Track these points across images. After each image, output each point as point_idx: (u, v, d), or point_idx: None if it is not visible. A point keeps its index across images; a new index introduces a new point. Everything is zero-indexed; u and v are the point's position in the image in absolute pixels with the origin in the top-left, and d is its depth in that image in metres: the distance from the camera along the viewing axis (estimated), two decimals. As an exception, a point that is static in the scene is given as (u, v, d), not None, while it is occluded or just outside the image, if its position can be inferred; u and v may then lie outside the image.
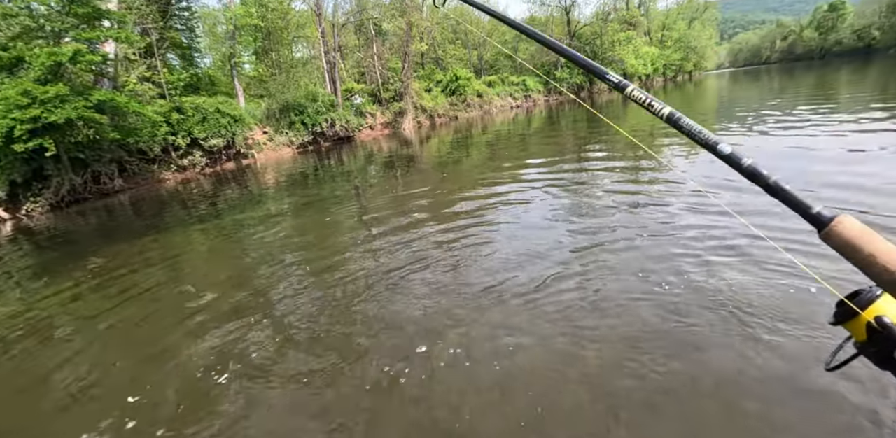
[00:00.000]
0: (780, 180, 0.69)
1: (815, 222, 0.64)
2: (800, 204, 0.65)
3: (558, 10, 45.38)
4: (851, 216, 0.60)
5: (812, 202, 0.64)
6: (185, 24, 23.43)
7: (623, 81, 0.92)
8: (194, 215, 8.89)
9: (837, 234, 0.60)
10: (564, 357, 2.54)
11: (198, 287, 4.53)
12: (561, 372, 2.41)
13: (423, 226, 5.51)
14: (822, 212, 0.64)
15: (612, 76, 0.95)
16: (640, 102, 0.88)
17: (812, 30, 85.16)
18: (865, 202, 4.07)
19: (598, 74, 0.97)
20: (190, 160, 15.67)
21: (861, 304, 0.59)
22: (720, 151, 0.75)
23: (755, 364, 2.25)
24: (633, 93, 0.90)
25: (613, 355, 2.49)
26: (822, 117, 9.56)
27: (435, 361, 2.65)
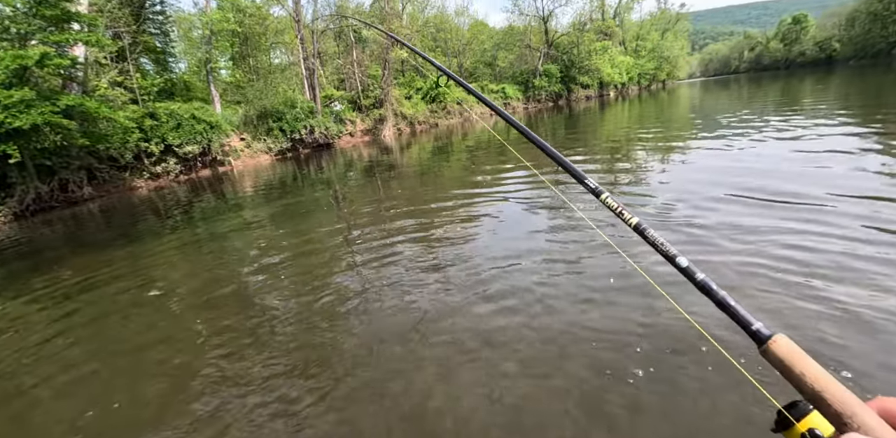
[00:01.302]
0: (728, 296, 0.76)
1: (755, 338, 0.70)
2: (743, 320, 0.72)
3: (536, 19, 46.16)
4: (786, 336, 0.66)
5: (753, 319, 0.71)
6: (159, 27, 22.95)
7: (598, 188, 1.02)
8: (168, 224, 8.61)
9: (773, 352, 0.66)
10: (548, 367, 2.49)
11: (170, 299, 4.35)
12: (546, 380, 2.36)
13: (402, 235, 5.44)
14: (761, 329, 0.70)
15: (590, 181, 1.04)
16: (612, 209, 0.98)
17: (777, 41, 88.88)
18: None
19: (578, 178, 1.06)
20: (164, 167, 15.26)
21: (797, 416, 0.64)
22: (678, 263, 0.84)
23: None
24: (606, 199, 1.00)
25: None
26: (786, 124, 9.86)
27: (418, 374, 2.58)
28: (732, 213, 4.47)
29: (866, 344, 2.32)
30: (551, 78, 43.44)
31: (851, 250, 3.33)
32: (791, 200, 4.59)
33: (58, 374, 3.19)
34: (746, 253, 3.53)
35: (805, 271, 3.13)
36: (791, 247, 3.50)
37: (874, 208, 4.06)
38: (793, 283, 3.00)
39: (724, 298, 0.76)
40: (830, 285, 2.92)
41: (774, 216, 4.23)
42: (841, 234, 3.60)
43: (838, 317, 2.57)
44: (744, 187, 5.30)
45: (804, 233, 3.72)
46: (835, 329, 2.47)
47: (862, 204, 4.21)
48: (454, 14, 45.08)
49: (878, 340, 2.34)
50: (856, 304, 2.67)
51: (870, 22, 56.70)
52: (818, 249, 3.41)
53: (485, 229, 5.30)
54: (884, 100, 13.15)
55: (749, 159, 7.03)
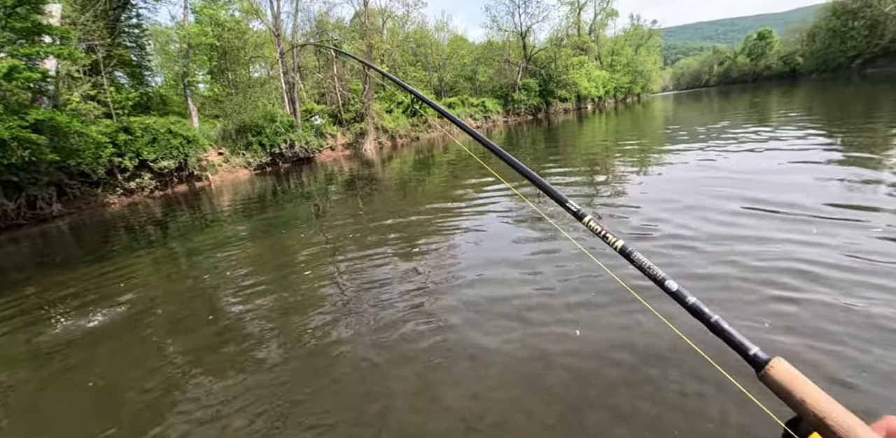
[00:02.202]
0: (721, 320, 0.74)
1: (753, 363, 0.69)
2: (739, 345, 0.71)
3: (514, 35, 47.11)
4: (784, 360, 0.65)
5: (750, 344, 0.69)
6: (135, 41, 22.63)
7: (581, 211, 1.02)
8: (142, 241, 8.33)
9: (772, 377, 0.65)
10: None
11: (141, 319, 4.16)
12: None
13: (384, 249, 5.35)
14: (758, 354, 0.69)
15: (571, 204, 1.04)
16: (596, 233, 0.97)
17: (744, 56, 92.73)
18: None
19: (560, 201, 1.06)
20: (138, 183, 14.87)
21: (802, 434, 0.63)
22: (668, 287, 0.82)
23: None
24: (589, 222, 1.00)
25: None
26: (756, 135, 10.15)
27: (399, 389, 2.48)
28: (712, 222, 4.52)
29: (867, 357, 2.32)
30: (530, 91, 44.21)
31: (832, 259, 3.37)
32: (767, 209, 4.67)
33: (18, 402, 2.99)
34: (727, 263, 3.55)
35: (790, 283, 3.15)
36: (774, 258, 3.54)
37: (848, 215, 4.15)
38: (779, 296, 3.01)
39: (718, 322, 0.74)
40: (818, 294, 2.93)
41: (754, 226, 4.29)
42: (816, 242, 3.66)
43: (835, 331, 2.57)
44: (722, 196, 5.39)
45: (784, 242, 3.77)
46: (833, 343, 2.47)
47: (837, 212, 4.30)
48: (434, 29, 45.75)
49: (880, 353, 2.34)
50: (853, 315, 2.68)
51: (829, 37, 59.46)
52: (799, 258, 3.44)
53: (466, 242, 5.26)
54: (845, 111, 13.70)
55: (725, 169, 7.16)
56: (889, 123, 9.66)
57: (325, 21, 32.13)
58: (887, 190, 4.84)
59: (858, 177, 5.50)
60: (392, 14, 38.77)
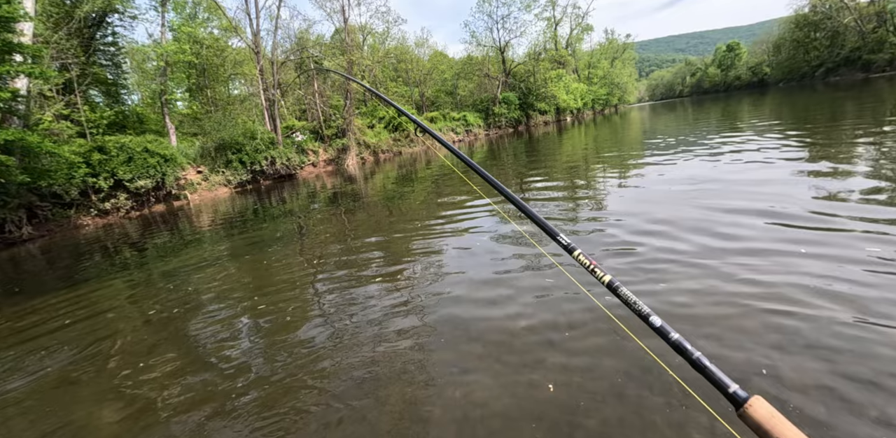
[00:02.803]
0: (703, 357, 0.76)
1: (732, 401, 0.69)
2: (719, 382, 0.72)
3: (493, 50, 47.92)
4: (762, 399, 0.65)
5: (730, 381, 0.70)
6: (110, 59, 22.34)
7: (571, 245, 1.05)
8: (117, 264, 8.05)
9: (750, 416, 0.66)
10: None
11: (113, 347, 3.95)
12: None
13: (369, 268, 5.24)
14: (737, 392, 0.70)
15: (563, 238, 1.08)
16: (585, 267, 0.99)
17: (715, 67, 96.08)
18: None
19: (551, 234, 1.11)
20: (113, 203, 14.48)
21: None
22: (651, 323, 0.84)
23: None
24: (579, 256, 1.03)
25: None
26: (730, 141, 10.38)
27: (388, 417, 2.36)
28: (694, 231, 4.53)
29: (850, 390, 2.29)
30: (510, 105, 44.82)
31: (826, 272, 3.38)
32: (751, 220, 4.71)
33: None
34: (707, 276, 3.54)
35: (764, 293, 3.14)
36: (767, 272, 3.54)
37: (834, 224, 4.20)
38: (758, 310, 2.99)
39: (699, 359, 0.76)
40: (798, 311, 2.92)
41: (739, 237, 4.31)
42: (809, 252, 3.68)
43: (817, 353, 2.55)
44: (706, 207, 5.43)
45: (774, 253, 3.79)
46: (811, 372, 2.44)
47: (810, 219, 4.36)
48: (414, 45, 46.31)
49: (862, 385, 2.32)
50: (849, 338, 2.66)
51: (794, 48, 62.03)
52: (773, 270, 3.45)
53: (450, 260, 5.18)
54: (811, 118, 14.16)
55: (703, 177, 7.26)
56: (854, 127, 10.09)
57: (306, 38, 32.24)
58: (857, 196, 4.94)
59: (831, 185, 5.61)
60: (372, 31, 39.18)
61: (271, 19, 27.00)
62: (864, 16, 51.60)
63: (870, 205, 4.62)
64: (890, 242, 3.65)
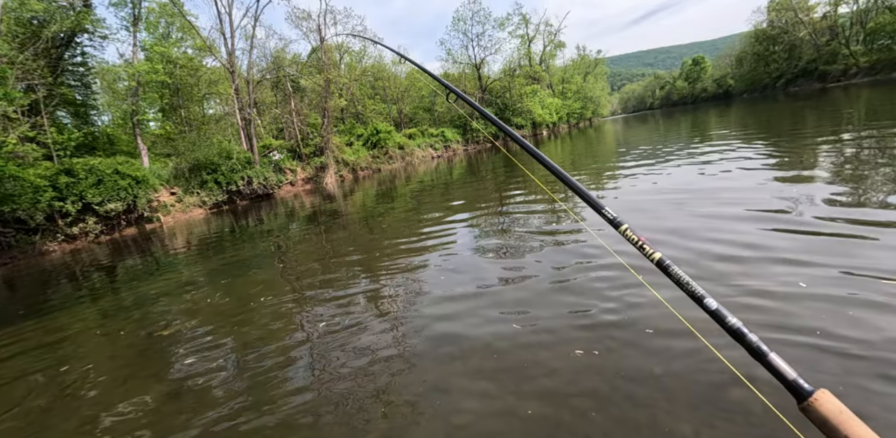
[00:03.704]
0: (762, 345, 0.70)
1: (795, 394, 0.64)
2: (780, 372, 0.66)
3: (469, 67, 48.72)
4: (829, 393, 0.61)
5: (794, 372, 0.65)
6: (79, 79, 21.82)
7: (618, 219, 1.00)
8: (85, 290, 7.69)
9: (815, 411, 0.61)
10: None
11: (84, 384, 3.70)
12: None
13: (350, 288, 5.10)
14: (802, 384, 0.64)
15: (608, 212, 1.02)
16: (633, 242, 0.93)
17: (682, 80, 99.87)
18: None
19: (596, 207, 1.07)
20: (81, 228, 13.95)
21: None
22: (706, 306, 0.77)
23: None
24: (626, 231, 0.97)
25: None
26: (701, 151, 10.63)
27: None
28: (673, 235, 4.54)
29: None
30: (487, 122, 45.32)
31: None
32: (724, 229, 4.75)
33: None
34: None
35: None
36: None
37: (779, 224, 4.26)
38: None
39: (759, 347, 0.70)
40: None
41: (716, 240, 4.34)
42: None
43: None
44: (695, 213, 5.48)
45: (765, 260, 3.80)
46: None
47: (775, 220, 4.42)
48: (391, 63, 46.68)
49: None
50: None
51: (755, 61, 65.09)
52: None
53: (433, 277, 5.07)
54: (774, 127, 14.72)
55: (678, 185, 7.37)
56: (814, 134, 10.63)
57: (282, 57, 32.23)
58: (822, 200, 5.05)
59: (792, 190, 5.74)
60: (349, 49, 39.46)
61: (246, 39, 26.98)
62: (818, 30, 54.50)
63: (835, 207, 4.72)
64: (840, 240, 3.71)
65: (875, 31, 47.18)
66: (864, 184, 5.64)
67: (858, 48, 50.32)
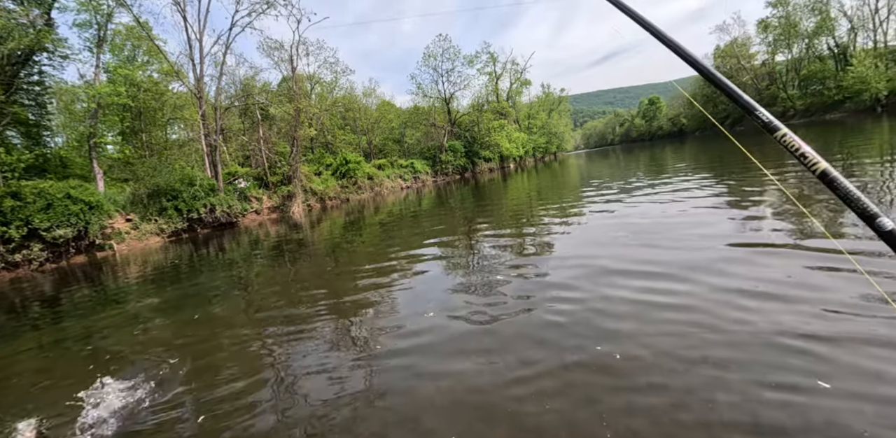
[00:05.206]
0: None
1: None
2: None
3: (439, 100, 50.01)
4: None
5: None
6: (34, 99, 20.89)
7: (774, 123, 0.86)
8: (25, 323, 7.09)
9: None
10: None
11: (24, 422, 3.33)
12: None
13: (315, 320, 4.92)
14: None
15: (763, 113, 0.89)
16: (791, 150, 0.81)
17: (640, 118, 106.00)
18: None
19: (749, 109, 0.95)
20: (25, 255, 13.04)
21: None
22: (879, 226, 0.66)
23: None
24: (784, 137, 0.84)
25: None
26: (661, 185, 11.13)
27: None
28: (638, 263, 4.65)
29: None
30: (456, 152, 46.30)
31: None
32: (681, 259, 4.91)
33: None
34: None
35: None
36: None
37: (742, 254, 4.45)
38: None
39: None
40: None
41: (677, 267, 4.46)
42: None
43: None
44: (648, 243, 5.64)
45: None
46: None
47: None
48: (362, 94, 47.44)
49: None
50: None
51: (704, 102, 69.95)
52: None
53: (402, 308, 4.99)
54: (725, 162, 15.75)
55: (639, 217, 7.63)
56: (759, 170, 11.39)
57: (252, 85, 32.15)
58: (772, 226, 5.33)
59: (750, 218, 6.04)
60: (320, 80, 39.89)
61: (216, 65, 26.83)
62: (759, 75, 59.64)
63: (777, 233, 4.99)
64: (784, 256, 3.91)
65: (808, 77, 52.11)
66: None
67: (794, 92, 55.19)
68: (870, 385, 2.49)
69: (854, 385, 2.49)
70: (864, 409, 2.29)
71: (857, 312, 3.29)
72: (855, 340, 2.92)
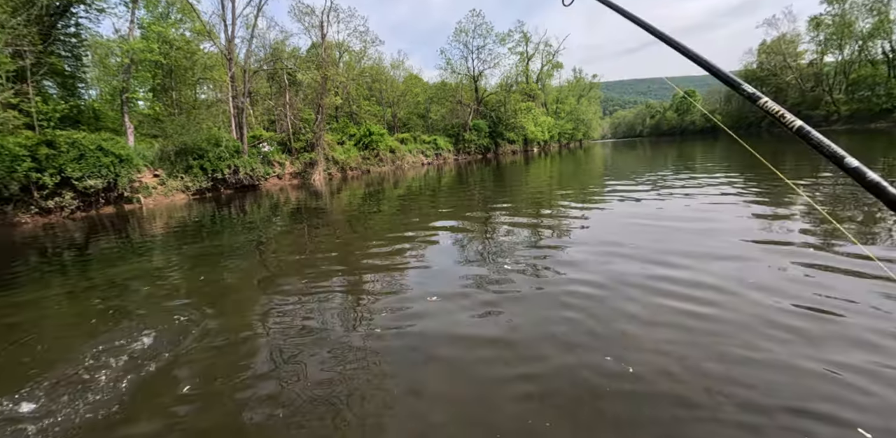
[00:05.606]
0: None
1: None
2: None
3: (467, 78, 49.20)
4: None
5: None
6: (70, 50, 21.21)
7: (756, 94, 1.06)
8: (55, 267, 7.48)
9: None
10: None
11: (48, 365, 3.60)
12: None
13: (331, 285, 5.12)
14: None
15: (746, 88, 1.07)
16: (773, 113, 1.02)
17: (672, 111, 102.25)
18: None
19: (733, 85, 1.11)
20: (57, 202, 13.53)
21: None
22: (846, 164, 0.86)
23: None
24: (766, 104, 1.04)
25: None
26: (686, 181, 10.97)
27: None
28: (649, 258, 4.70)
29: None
30: (480, 132, 45.84)
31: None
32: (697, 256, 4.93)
33: None
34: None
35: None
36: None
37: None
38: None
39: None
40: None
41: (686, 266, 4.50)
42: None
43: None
44: (658, 240, 5.66)
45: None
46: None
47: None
48: (390, 66, 46.87)
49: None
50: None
51: (742, 100, 66.95)
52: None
53: (414, 278, 5.17)
54: (756, 163, 15.32)
55: (657, 212, 7.60)
56: (794, 170, 11.32)
57: (281, 49, 32.00)
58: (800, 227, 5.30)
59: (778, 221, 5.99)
60: (349, 49, 39.47)
61: (247, 27, 26.75)
62: (804, 75, 56.89)
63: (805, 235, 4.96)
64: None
65: (857, 81, 49.49)
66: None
67: (840, 97, 52.67)
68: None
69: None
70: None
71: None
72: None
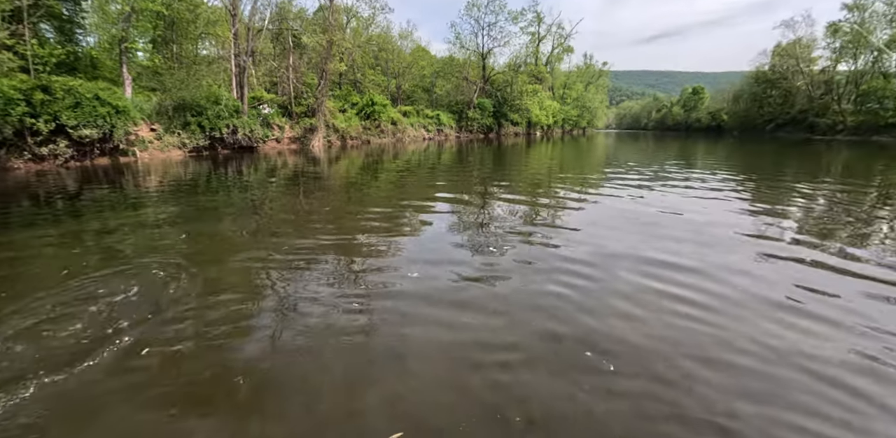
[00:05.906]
0: None
1: None
2: None
3: (475, 54, 48.20)
4: None
5: None
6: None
7: None
8: (46, 214, 7.44)
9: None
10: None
11: (32, 309, 3.67)
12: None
13: (322, 248, 5.20)
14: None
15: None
16: None
17: (679, 107, 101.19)
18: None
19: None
20: (51, 149, 13.30)
21: None
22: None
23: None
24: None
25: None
26: (683, 177, 11.06)
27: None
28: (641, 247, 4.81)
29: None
30: (484, 111, 45.30)
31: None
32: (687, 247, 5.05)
33: None
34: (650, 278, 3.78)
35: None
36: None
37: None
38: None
39: None
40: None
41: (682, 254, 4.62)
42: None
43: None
44: (655, 235, 5.77)
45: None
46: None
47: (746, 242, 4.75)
48: (398, 36, 45.74)
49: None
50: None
51: (750, 101, 66.50)
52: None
53: (405, 244, 5.31)
54: (760, 165, 15.35)
55: (654, 204, 7.70)
56: (794, 175, 11.20)
57: (287, 9, 31.05)
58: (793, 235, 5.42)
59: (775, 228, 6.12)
60: (357, 14, 38.36)
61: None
62: (815, 82, 56.23)
63: (798, 247, 5.09)
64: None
65: (867, 93, 48.89)
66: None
67: (848, 106, 52.18)
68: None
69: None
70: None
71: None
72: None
